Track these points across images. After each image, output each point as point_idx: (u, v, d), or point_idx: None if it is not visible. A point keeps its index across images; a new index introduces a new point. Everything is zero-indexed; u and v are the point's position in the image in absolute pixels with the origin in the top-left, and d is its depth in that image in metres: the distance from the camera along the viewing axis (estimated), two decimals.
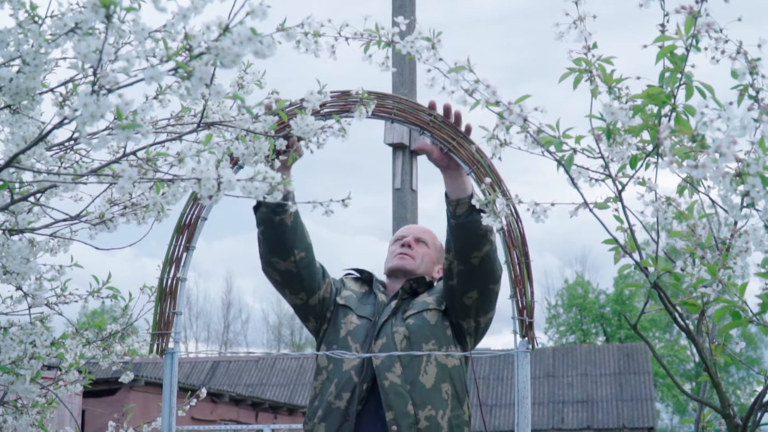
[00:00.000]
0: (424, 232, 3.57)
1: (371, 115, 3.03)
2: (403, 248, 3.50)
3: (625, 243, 2.43)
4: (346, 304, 3.38)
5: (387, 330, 3.27)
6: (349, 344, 3.26)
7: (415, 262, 3.48)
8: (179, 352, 3.03)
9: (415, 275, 3.46)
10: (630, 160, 2.40)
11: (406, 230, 3.60)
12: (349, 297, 3.42)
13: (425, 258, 3.51)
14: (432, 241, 3.57)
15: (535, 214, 2.44)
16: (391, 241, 3.63)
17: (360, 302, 3.41)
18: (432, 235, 3.59)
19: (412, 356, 3.19)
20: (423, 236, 3.55)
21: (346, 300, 3.41)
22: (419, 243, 3.52)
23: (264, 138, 2.29)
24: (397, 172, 10.56)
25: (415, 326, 3.26)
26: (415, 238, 3.53)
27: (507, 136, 2.42)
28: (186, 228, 3.04)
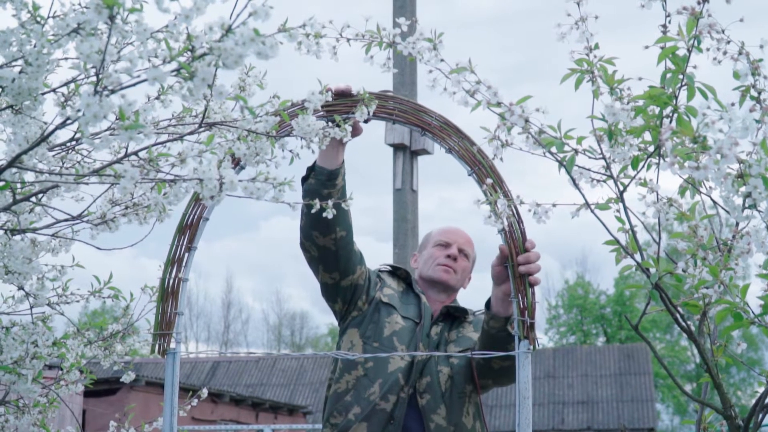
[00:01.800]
0: (467, 242, 3.54)
1: (373, 116, 3.03)
2: (448, 259, 3.47)
3: (627, 244, 2.43)
4: (390, 303, 3.37)
5: (431, 368, 3.26)
6: (394, 344, 3.27)
7: (457, 276, 3.48)
8: (180, 352, 3.03)
9: (452, 289, 3.49)
10: (632, 161, 2.40)
11: (452, 236, 3.55)
12: (392, 295, 3.41)
13: (464, 272, 3.51)
14: (472, 253, 3.56)
15: (536, 215, 2.44)
16: (432, 240, 3.57)
17: (402, 302, 3.40)
18: (472, 245, 3.57)
19: (454, 399, 3.25)
20: (466, 248, 3.52)
21: (389, 298, 3.39)
22: (462, 255, 3.51)
23: (266, 138, 2.29)
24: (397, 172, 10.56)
25: (459, 367, 3.29)
26: (460, 248, 3.50)
27: (508, 137, 2.42)
28: (188, 228, 3.04)
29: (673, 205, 2.44)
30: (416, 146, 10.57)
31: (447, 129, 3.09)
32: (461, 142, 3.06)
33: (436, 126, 3.09)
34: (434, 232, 3.60)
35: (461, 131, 3.09)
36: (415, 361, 3.24)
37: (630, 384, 26.40)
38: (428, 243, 3.57)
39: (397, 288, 3.46)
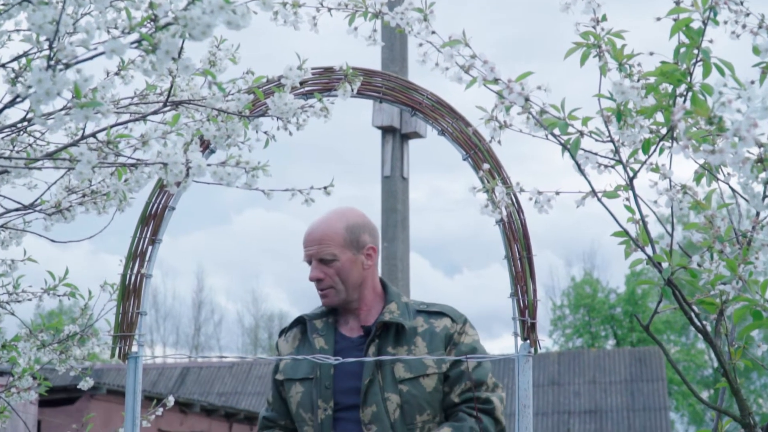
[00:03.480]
0: (321, 244, 3.30)
1: (357, 94, 3.03)
2: (316, 284, 3.32)
3: (637, 236, 2.44)
4: (286, 377, 3.34)
5: (376, 396, 3.19)
6: (302, 416, 3.27)
7: (337, 289, 3.30)
8: (144, 356, 3.03)
9: (350, 301, 3.33)
10: (642, 145, 2.41)
11: (306, 246, 3.35)
12: (285, 366, 3.37)
13: (342, 274, 3.30)
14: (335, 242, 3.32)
15: (538, 204, 2.44)
16: None
17: (295, 365, 3.34)
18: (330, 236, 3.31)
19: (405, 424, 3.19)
20: (323, 253, 3.30)
21: (284, 372, 3.36)
22: (326, 265, 3.30)
23: (238, 119, 2.29)
24: (386, 158, 10.56)
25: (410, 395, 3.19)
26: (317, 259, 3.30)
27: (507, 117, 2.43)
28: (151, 218, 3.04)
29: (688, 192, 2.45)
30: (407, 129, 10.57)
31: (439, 109, 3.09)
32: (455, 124, 3.07)
33: (428, 105, 3.09)
34: None
35: (455, 111, 3.09)
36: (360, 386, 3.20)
37: (642, 391, 26.50)
38: None
39: (291, 347, 3.39)
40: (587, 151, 2.40)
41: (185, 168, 1.93)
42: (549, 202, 2.43)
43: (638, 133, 2.38)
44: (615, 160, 2.42)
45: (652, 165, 2.42)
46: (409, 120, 10.47)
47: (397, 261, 10.72)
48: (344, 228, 3.31)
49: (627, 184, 2.41)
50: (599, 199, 2.41)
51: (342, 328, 3.35)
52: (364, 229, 3.35)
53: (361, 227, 3.34)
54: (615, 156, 2.41)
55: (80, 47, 1.72)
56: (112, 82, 2.29)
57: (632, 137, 2.39)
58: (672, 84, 2.27)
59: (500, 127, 2.45)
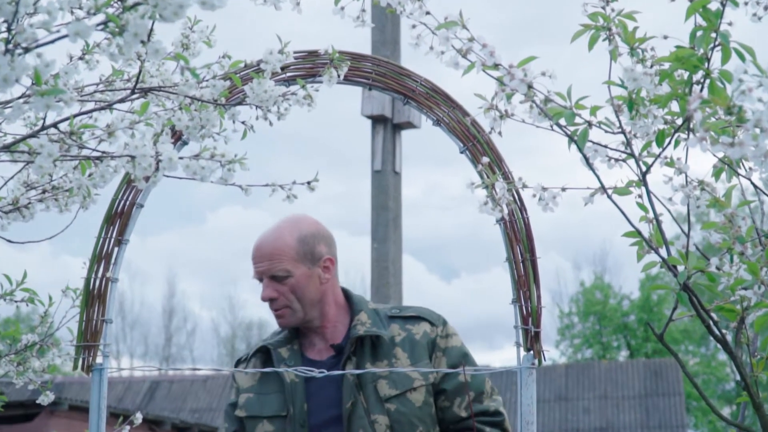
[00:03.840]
0: (271, 261, 3.26)
1: (344, 81, 3.04)
2: (269, 305, 3.29)
3: (650, 236, 2.45)
4: (250, 414, 3.27)
5: (362, 420, 3.16)
6: None
7: (292, 310, 3.26)
8: (109, 368, 3.03)
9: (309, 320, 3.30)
10: (656, 137, 2.42)
11: (255, 263, 3.30)
12: (248, 400, 3.30)
13: (297, 291, 3.26)
14: (287, 257, 3.27)
15: (542, 201, 2.45)
16: None
17: (261, 400, 3.27)
18: (281, 248, 3.27)
19: None
20: (274, 271, 3.26)
21: (247, 408, 3.28)
22: (279, 283, 3.26)
23: (213, 107, 2.29)
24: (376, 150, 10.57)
25: (399, 414, 3.18)
26: (269, 277, 3.26)
27: (508, 106, 2.43)
28: (118, 217, 3.04)
29: (706, 189, 2.46)
30: (399, 118, 10.58)
31: (434, 96, 3.10)
32: (452, 113, 3.08)
33: (422, 93, 3.10)
34: None
35: (452, 99, 3.10)
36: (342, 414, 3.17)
37: (658, 407, 26.53)
38: None
39: (253, 379, 3.33)
40: (596, 144, 2.40)
41: (155, 161, 1.94)
42: (554, 200, 2.44)
43: (652, 123, 2.39)
44: (626, 154, 2.43)
45: (666, 159, 2.43)
46: (402, 109, 10.49)
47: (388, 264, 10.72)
48: (297, 240, 3.27)
49: (639, 180, 2.42)
50: (609, 196, 2.41)
51: (308, 353, 3.32)
52: (319, 239, 3.31)
53: (316, 237, 3.30)
54: (626, 149, 2.42)
55: (41, 29, 1.73)
56: (75, 68, 2.30)
57: (645, 128, 2.40)
58: (688, 70, 2.28)
59: (501, 117, 2.45)
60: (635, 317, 39.91)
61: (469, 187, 2.48)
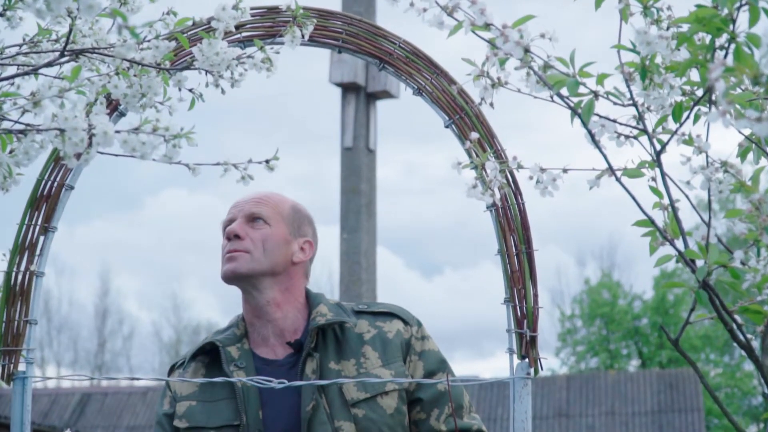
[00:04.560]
0: (259, 202, 3.40)
1: (310, 42, 3.04)
2: (230, 242, 3.34)
3: (665, 226, 2.46)
4: (193, 425, 3.28)
5: (324, 426, 3.18)
6: None
7: (252, 257, 3.32)
8: (34, 377, 3.03)
9: (259, 280, 3.34)
10: (672, 110, 2.43)
11: (235, 206, 3.43)
12: (190, 410, 3.31)
13: (268, 243, 3.34)
14: (275, 209, 3.42)
15: (540, 185, 2.47)
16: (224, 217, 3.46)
17: (208, 406, 3.29)
18: (274, 199, 3.44)
19: None
20: (257, 209, 3.39)
21: (189, 417, 3.30)
22: (254, 222, 3.36)
23: (155, 72, 2.29)
24: (347, 124, 10.57)
25: (368, 421, 3.20)
26: (247, 215, 3.38)
27: (501, 73, 2.45)
28: (44, 201, 3.04)
29: (729, 171, 2.47)
30: (374, 87, 10.59)
31: (415, 61, 3.11)
32: (435, 80, 3.08)
33: (401, 57, 3.11)
34: None
35: (435, 65, 3.11)
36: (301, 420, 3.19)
37: (673, 425, 26.66)
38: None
39: (194, 385, 3.36)
40: (603, 118, 2.42)
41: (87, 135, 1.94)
42: (554, 183, 2.45)
43: (667, 95, 2.41)
44: (638, 130, 2.44)
45: (684, 136, 2.45)
46: (377, 76, 10.50)
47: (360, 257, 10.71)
48: (291, 205, 3.43)
49: (653, 160, 2.43)
50: (618, 179, 2.43)
51: (261, 351, 3.35)
52: (308, 221, 3.46)
53: (308, 218, 3.46)
54: (638, 124, 2.43)
55: None
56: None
57: (660, 100, 2.41)
58: (710, 33, 2.29)
59: (493, 86, 2.47)
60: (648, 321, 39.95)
61: (455, 167, 2.49)
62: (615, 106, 2.43)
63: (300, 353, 3.27)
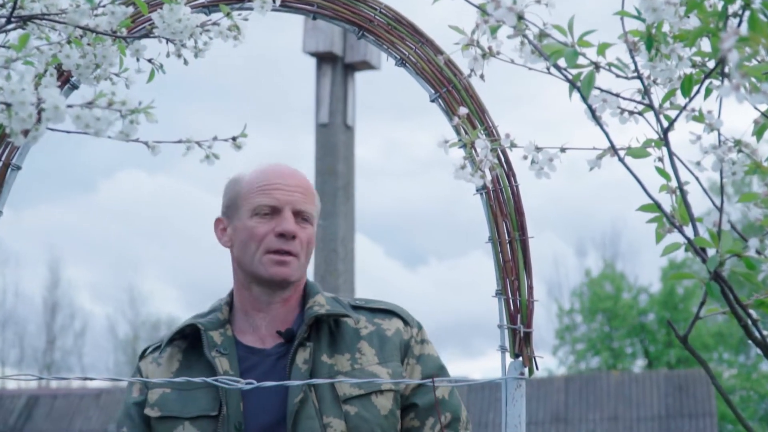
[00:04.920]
0: (305, 196, 3.43)
1: (282, 7, 3.05)
2: (283, 242, 3.34)
3: (673, 211, 2.47)
4: (165, 414, 3.31)
5: (311, 421, 3.21)
6: None
7: (299, 262, 3.37)
8: None
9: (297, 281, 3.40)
10: (681, 83, 2.44)
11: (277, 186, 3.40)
12: (163, 398, 3.33)
13: (309, 247, 3.41)
14: (315, 205, 3.48)
15: (535, 165, 2.47)
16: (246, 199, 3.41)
17: (184, 395, 3.31)
18: (312, 191, 3.48)
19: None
20: (305, 207, 3.42)
21: (161, 406, 3.32)
22: (301, 220, 3.41)
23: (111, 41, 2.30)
24: (323, 98, 10.56)
25: (360, 420, 3.24)
26: (296, 210, 3.39)
27: (493, 42, 2.45)
28: None
29: (744, 151, 2.48)
30: (352, 57, 10.57)
31: (398, 29, 3.11)
32: (420, 50, 3.09)
33: (382, 24, 3.11)
34: (246, 181, 3.45)
35: (420, 32, 3.12)
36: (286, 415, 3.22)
37: (683, 431, 26.75)
38: (240, 202, 3.43)
39: (169, 371, 3.38)
40: (605, 92, 2.43)
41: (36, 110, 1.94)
42: (551, 163, 2.46)
43: (676, 67, 2.41)
44: (643, 105, 2.45)
45: (694, 112, 2.45)
46: (356, 45, 10.49)
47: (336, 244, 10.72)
48: (318, 198, 3.51)
49: (660, 139, 2.44)
50: (621, 159, 2.43)
51: (245, 338, 3.39)
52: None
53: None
54: (643, 98, 2.44)
55: None
56: None
57: (667, 73, 2.42)
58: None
59: (483, 56, 2.47)
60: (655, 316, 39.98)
61: (441, 146, 2.49)
62: (618, 78, 2.44)
63: (290, 343, 3.32)
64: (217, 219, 3.49)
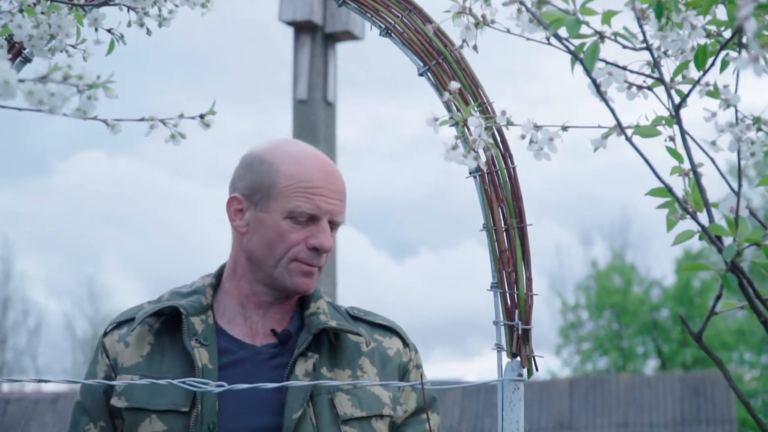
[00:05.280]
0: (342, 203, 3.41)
1: None
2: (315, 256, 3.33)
3: (685, 195, 2.48)
4: (133, 405, 3.27)
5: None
6: None
7: (320, 272, 3.41)
8: None
9: None
10: (695, 55, 2.45)
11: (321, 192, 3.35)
12: (130, 387, 3.28)
13: (329, 256, 3.44)
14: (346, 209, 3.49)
15: (534, 145, 2.48)
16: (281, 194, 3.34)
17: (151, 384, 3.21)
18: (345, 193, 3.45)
19: None
20: (341, 217, 3.42)
21: (128, 396, 3.28)
22: (333, 232, 3.41)
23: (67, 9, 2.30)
24: (300, 71, 10.56)
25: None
26: (332, 221, 3.38)
27: (487, 10, 2.46)
28: None
29: (764, 129, 2.49)
30: (333, 26, 10.57)
31: None
32: (408, 18, 3.10)
33: None
34: (285, 172, 3.37)
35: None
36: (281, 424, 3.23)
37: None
38: (274, 194, 3.36)
39: (137, 352, 3.34)
40: (610, 64, 2.43)
41: None
42: (551, 143, 2.47)
43: (688, 37, 2.42)
44: (653, 79, 2.46)
45: (708, 86, 2.46)
46: (336, 13, 10.49)
47: None
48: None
49: (671, 116, 2.45)
50: (628, 139, 2.44)
51: (232, 329, 3.38)
52: None
53: None
54: (653, 72, 2.45)
55: None
56: None
57: (679, 43, 2.43)
58: None
59: (477, 25, 2.48)
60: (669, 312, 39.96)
61: (431, 124, 2.50)
62: (625, 50, 2.45)
63: (281, 345, 3.33)
64: (234, 197, 3.42)
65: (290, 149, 3.42)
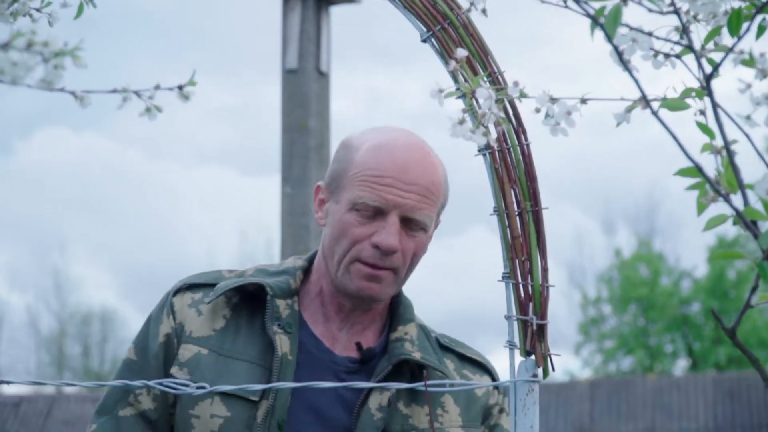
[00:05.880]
0: (425, 197, 3.33)
1: None
2: (379, 256, 3.26)
3: (718, 175, 2.49)
4: (193, 380, 3.15)
5: None
6: None
7: (396, 277, 3.33)
8: None
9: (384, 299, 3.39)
10: (728, 20, 2.45)
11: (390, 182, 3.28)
12: (198, 360, 3.27)
13: (417, 257, 3.35)
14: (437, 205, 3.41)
15: (550, 119, 2.49)
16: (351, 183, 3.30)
17: (221, 359, 3.25)
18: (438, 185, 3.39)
19: None
20: (421, 214, 3.32)
21: (192, 367, 3.27)
22: (411, 228, 3.30)
23: None
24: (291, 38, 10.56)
25: None
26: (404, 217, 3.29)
27: None
28: None
29: None
30: None
31: None
32: None
33: None
34: (359, 157, 3.34)
35: None
36: None
37: None
38: (344, 182, 3.33)
39: (210, 324, 3.33)
40: (635, 30, 2.44)
41: None
42: (569, 117, 2.47)
43: (720, 1, 2.43)
44: (682, 46, 2.47)
45: (743, 54, 2.47)
46: None
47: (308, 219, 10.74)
48: (445, 181, 3.43)
49: (702, 87, 2.46)
50: (654, 113, 2.44)
51: (314, 326, 3.39)
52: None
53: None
54: (681, 38, 2.46)
55: None
56: None
57: (711, 6, 2.43)
58: None
59: None
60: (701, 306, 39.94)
61: (435, 96, 2.50)
62: (650, 14, 2.45)
63: (367, 365, 3.35)
64: (318, 186, 3.43)
65: (377, 135, 3.39)
